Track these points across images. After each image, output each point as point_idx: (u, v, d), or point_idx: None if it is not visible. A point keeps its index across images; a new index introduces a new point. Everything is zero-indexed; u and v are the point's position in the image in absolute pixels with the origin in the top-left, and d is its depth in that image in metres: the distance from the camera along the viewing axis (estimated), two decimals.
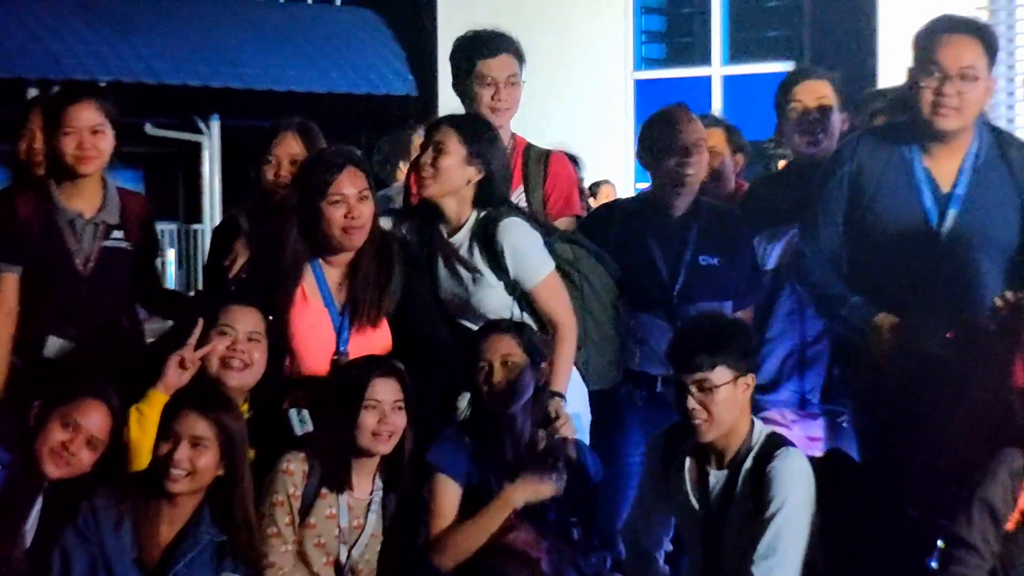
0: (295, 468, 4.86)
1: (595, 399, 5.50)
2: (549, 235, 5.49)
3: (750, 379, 4.74)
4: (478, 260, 5.35)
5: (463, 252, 5.37)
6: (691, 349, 4.69)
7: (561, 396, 5.19)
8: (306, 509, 4.89)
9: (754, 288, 5.80)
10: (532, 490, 4.93)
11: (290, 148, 5.58)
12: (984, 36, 5.01)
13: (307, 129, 5.65)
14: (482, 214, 5.37)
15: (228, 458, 4.67)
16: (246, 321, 5.07)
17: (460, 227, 5.38)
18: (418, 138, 6.43)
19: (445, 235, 5.40)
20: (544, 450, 5.01)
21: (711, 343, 4.70)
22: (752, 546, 4.60)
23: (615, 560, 5.22)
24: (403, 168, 6.99)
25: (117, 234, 5.50)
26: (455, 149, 5.35)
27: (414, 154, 6.02)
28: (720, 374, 4.64)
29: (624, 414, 5.70)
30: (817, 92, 5.93)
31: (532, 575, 4.88)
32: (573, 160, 7.27)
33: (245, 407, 5.05)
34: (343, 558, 4.91)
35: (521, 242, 5.34)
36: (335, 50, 18.83)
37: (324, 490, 4.89)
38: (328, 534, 4.91)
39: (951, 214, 5.03)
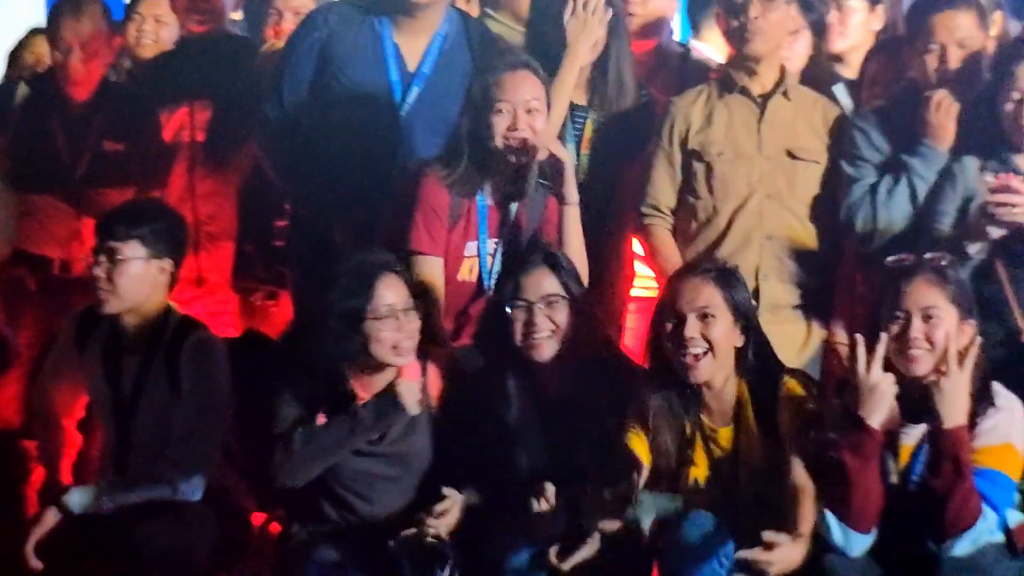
0: None
1: None
2: None
3: (167, 264, 4.76)
4: None
5: None
6: (112, 220, 4.74)
7: None
8: None
9: (159, 170, 5.81)
10: None
11: None
12: None
13: None
14: None
15: None
16: None
17: None
18: None
19: None
20: None
21: (132, 218, 4.74)
22: (162, 426, 4.64)
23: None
24: None
25: None
26: None
27: None
28: (133, 248, 4.67)
29: None
30: None
31: None
32: None
33: None
34: None
35: None
36: None
37: None
38: None
39: (414, 92, 5.11)
